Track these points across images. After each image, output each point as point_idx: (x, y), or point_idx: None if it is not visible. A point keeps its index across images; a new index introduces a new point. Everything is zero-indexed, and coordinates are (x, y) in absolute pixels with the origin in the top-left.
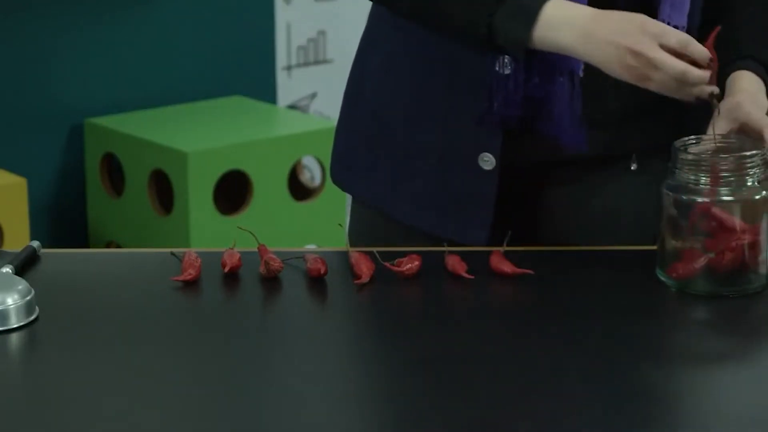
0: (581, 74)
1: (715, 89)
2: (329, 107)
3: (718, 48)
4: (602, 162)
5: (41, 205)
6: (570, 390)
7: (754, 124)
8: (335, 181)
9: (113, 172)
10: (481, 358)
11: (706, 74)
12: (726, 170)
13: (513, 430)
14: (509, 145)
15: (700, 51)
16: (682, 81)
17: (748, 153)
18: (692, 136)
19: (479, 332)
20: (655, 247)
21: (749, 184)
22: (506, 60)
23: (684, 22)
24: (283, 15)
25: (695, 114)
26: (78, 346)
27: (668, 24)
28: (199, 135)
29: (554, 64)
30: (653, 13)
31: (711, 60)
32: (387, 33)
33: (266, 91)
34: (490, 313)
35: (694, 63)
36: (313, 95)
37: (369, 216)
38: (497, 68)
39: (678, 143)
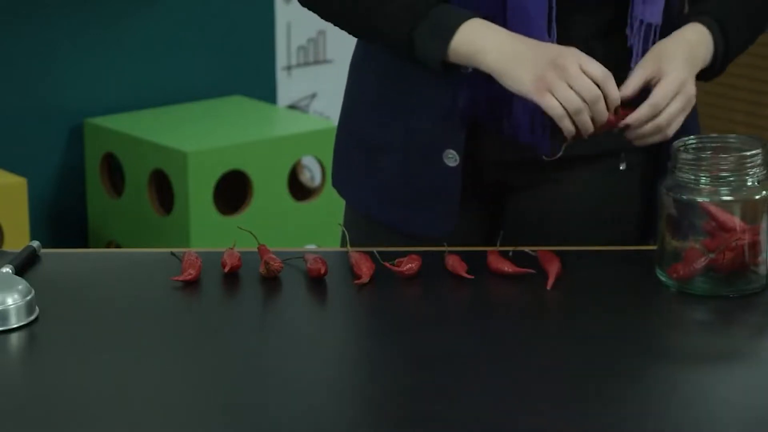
0: None
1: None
2: (329, 107)
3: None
4: (590, 161)
5: (41, 205)
6: (570, 390)
7: (660, 71)
8: (333, 185)
9: (113, 172)
10: (480, 358)
11: (605, 112)
12: (726, 170)
13: (513, 430)
14: (484, 143)
15: (614, 93)
16: (587, 104)
17: (748, 153)
18: (691, 136)
19: (479, 332)
20: (655, 247)
21: (749, 183)
22: None
23: (658, 19)
24: (283, 15)
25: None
26: (78, 346)
27: (642, 22)
28: (199, 135)
29: None
30: (626, 9)
31: (618, 108)
32: None
33: (266, 91)
34: (490, 313)
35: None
36: (313, 95)
37: (353, 217)
38: (461, 68)
39: (678, 143)
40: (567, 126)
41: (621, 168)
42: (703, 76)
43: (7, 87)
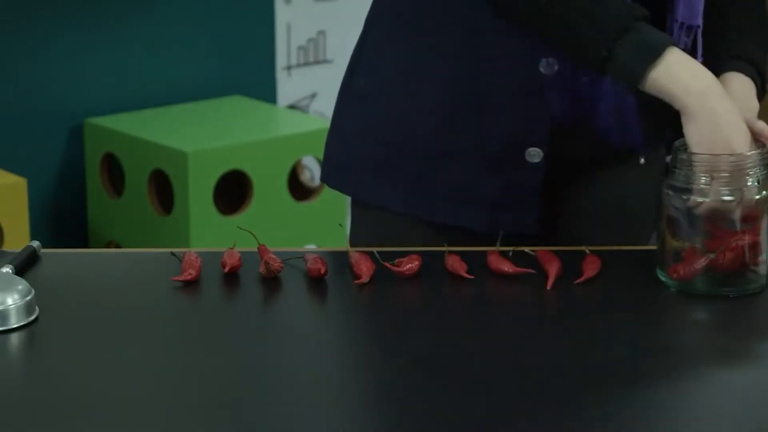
0: None
1: None
2: (329, 107)
3: (709, 47)
4: (614, 157)
5: (41, 205)
6: (570, 390)
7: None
8: (333, 186)
9: (113, 172)
10: (481, 358)
11: None
12: (726, 170)
13: (513, 430)
14: (554, 142)
15: None
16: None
17: (748, 153)
18: None
19: (479, 332)
20: (655, 247)
21: (749, 184)
22: (551, 60)
23: (698, 21)
24: (283, 15)
25: None
26: (78, 346)
27: (682, 24)
28: (199, 135)
29: None
30: (665, 13)
31: None
32: (405, 36)
33: (266, 91)
34: (490, 313)
35: None
36: (313, 95)
37: (377, 218)
38: (541, 69)
39: (678, 143)
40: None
41: (641, 162)
42: None
43: (7, 87)
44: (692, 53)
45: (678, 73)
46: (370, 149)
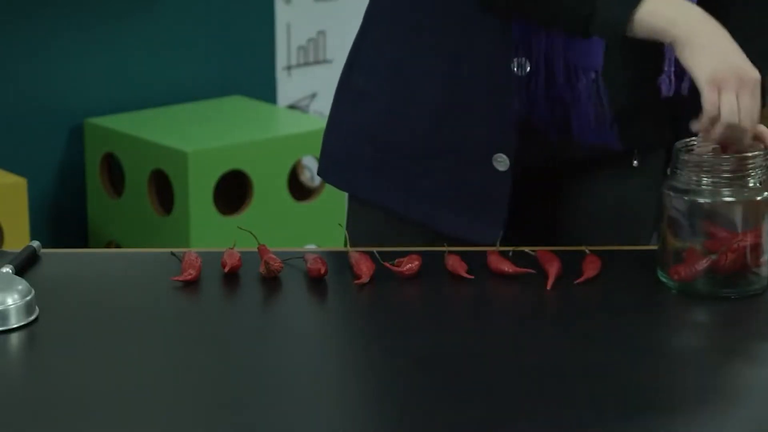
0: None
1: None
2: (329, 107)
3: None
4: (607, 159)
5: (41, 205)
6: (570, 390)
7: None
8: (330, 182)
9: (113, 172)
10: (481, 358)
11: (745, 143)
12: (728, 171)
13: (513, 430)
14: (522, 146)
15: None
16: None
17: (750, 154)
18: (693, 138)
19: (479, 332)
20: (655, 247)
21: (751, 185)
22: (523, 60)
23: None
24: (283, 15)
25: (692, 112)
26: (78, 346)
27: None
28: (199, 135)
29: (576, 64)
30: None
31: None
32: (398, 34)
33: (266, 91)
34: (490, 313)
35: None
36: (313, 95)
37: (376, 217)
38: (514, 69)
39: (679, 144)
40: (710, 129)
41: (634, 164)
42: None
43: (7, 87)
44: None
45: (663, 10)
46: (369, 148)
